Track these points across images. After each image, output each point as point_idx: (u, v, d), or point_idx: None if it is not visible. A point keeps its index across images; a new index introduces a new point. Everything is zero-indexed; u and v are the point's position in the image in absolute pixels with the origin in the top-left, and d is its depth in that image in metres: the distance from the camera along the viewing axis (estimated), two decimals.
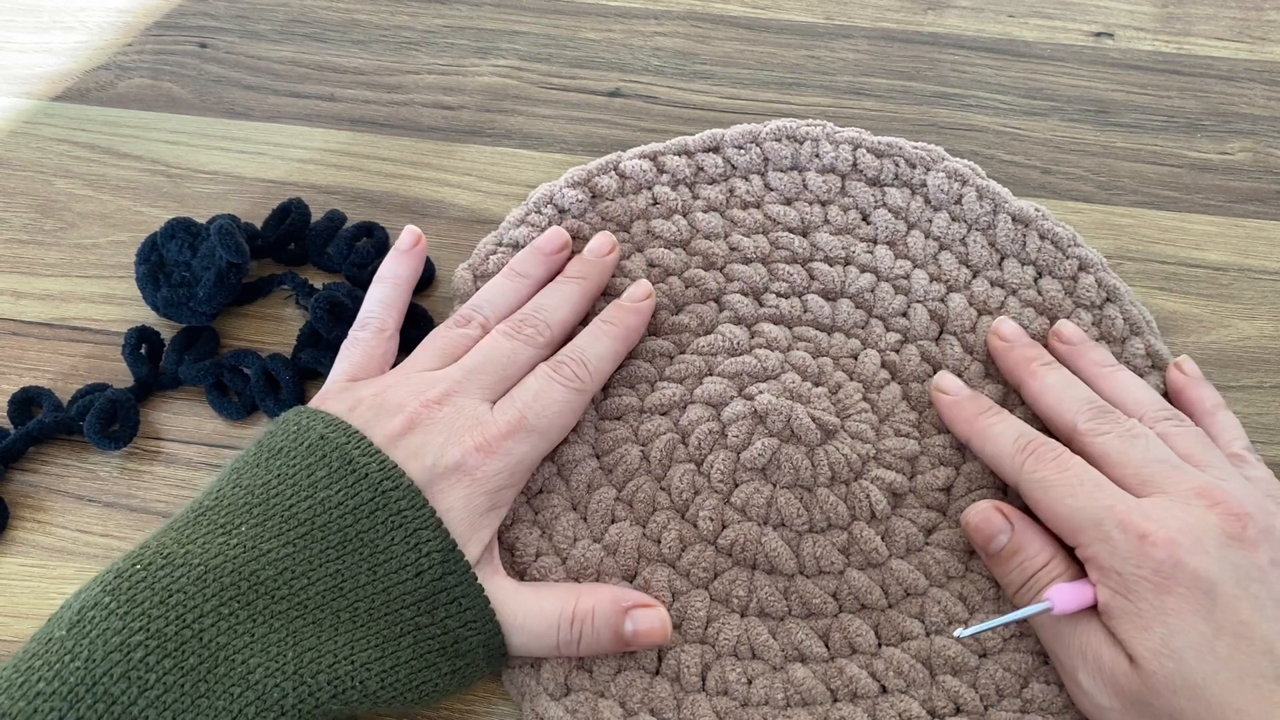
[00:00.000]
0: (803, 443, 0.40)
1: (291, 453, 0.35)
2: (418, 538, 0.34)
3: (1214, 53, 0.56)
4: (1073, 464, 0.36)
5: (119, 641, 0.29)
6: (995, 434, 0.39)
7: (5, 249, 0.48)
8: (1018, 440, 0.38)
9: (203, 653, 0.30)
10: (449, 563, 0.34)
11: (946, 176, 0.46)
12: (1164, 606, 0.32)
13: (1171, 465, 0.36)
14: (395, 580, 0.33)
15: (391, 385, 0.38)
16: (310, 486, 0.34)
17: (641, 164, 0.47)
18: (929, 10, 0.58)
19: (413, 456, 0.35)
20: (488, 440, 0.36)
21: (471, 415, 0.37)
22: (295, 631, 0.31)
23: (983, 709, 0.35)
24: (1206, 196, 0.50)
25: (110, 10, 0.58)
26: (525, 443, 0.37)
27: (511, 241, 0.45)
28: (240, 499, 0.34)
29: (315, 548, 0.33)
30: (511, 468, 0.36)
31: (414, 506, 0.34)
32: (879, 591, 0.38)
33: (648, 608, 0.36)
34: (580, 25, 0.57)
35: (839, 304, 0.44)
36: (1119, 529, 0.33)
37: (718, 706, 0.36)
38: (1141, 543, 0.33)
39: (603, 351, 0.40)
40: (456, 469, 0.35)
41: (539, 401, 0.37)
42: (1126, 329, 0.43)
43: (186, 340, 0.44)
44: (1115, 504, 0.34)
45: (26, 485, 0.41)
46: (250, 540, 0.32)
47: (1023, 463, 0.37)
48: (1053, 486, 0.36)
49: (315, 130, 0.52)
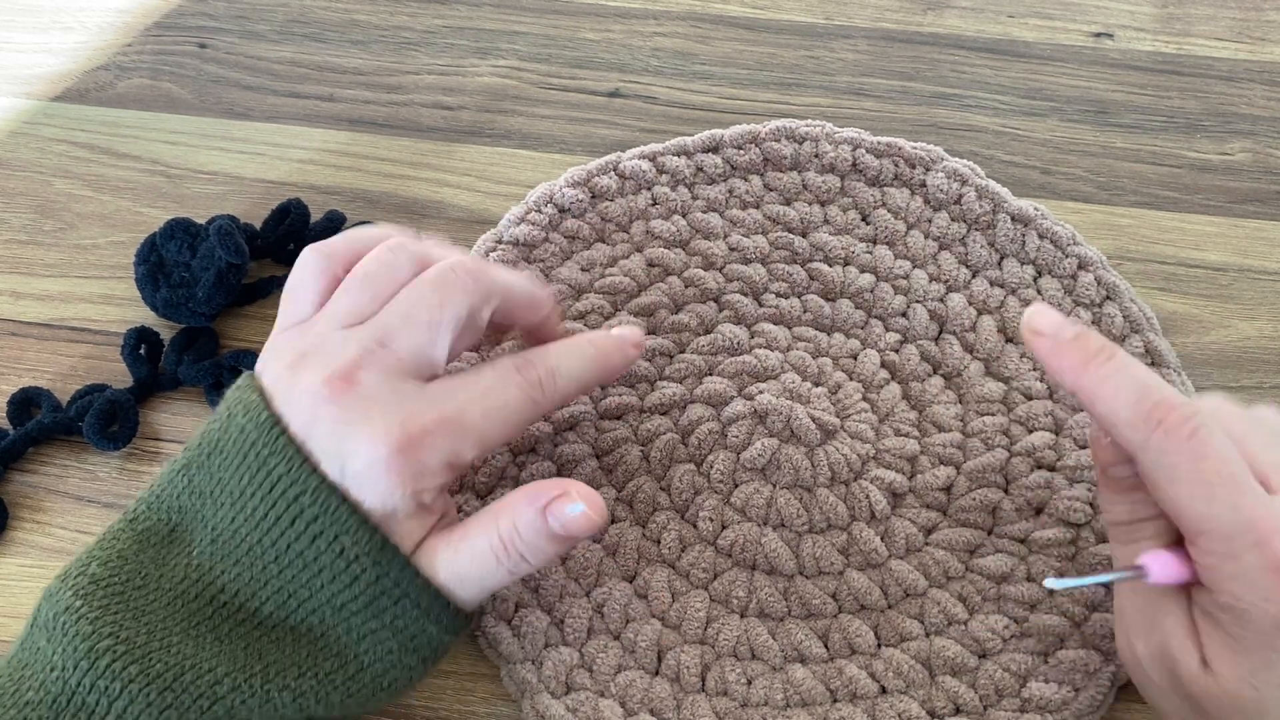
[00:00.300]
0: (802, 443, 0.40)
1: (225, 451, 0.32)
2: (340, 544, 0.31)
3: (1214, 53, 0.55)
4: (1212, 448, 0.29)
5: (87, 648, 0.29)
6: (1112, 389, 0.31)
7: (5, 249, 0.48)
8: (1142, 400, 0.30)
9: (169, 660, 0.29)
10: (381, 564, 0.31)
11: (946, 176, 0.46)
12: (1274, 643, 0.28)
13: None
14: (334, 590, 0.31)
15: (310, 348, 0.33)
16: (241, 499, 0.32)
17: (641, 164, 0.47)
18: (929, 10, 0.58)
19: (325, 451, 0.31)
20: (407, 436, 0.31)
21: (391, 397, 0.31)
22: (261, 650, 0.31)
23: (982, 709, 0.35)
24: (1206, 197, 0.50)
25: (110, 10, 0.58)
26: (457, 440, 0.32)
27: (511, 239, 0.45)
28: (197, 510, 0.32)
29: (257, 566, 0.31)
30: (434, 469, 0.31)
31: (328, 510, 0.31)
32: (878, 592, 0.38)
33: (562, 497, 0.32)
34: (580, 25, 0.57)
35: (839, 304, 0.44)
36: (1254, 550, 0.28)
37: (717, 707, 0.36)
38: (1278, 577, 0.28)
39: (575, 373, 0.35)
40: (368, 469, 0.31)
41: (488, 399, 0.32)
42: (1126, 327, 0.43)
43: (186, 341, 0.44)
44: (1257, 517, 0.28)
45: (26, 486, 0.41)
46: (208, 561, 0.32)
47: (1149, 434, 0.30)
48: (1185, 479, 0.29)
49: (315, 130, 0.52)
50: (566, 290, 0.44)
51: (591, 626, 0.37)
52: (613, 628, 0.37)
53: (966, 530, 0.39)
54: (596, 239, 0.46)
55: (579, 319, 0.43)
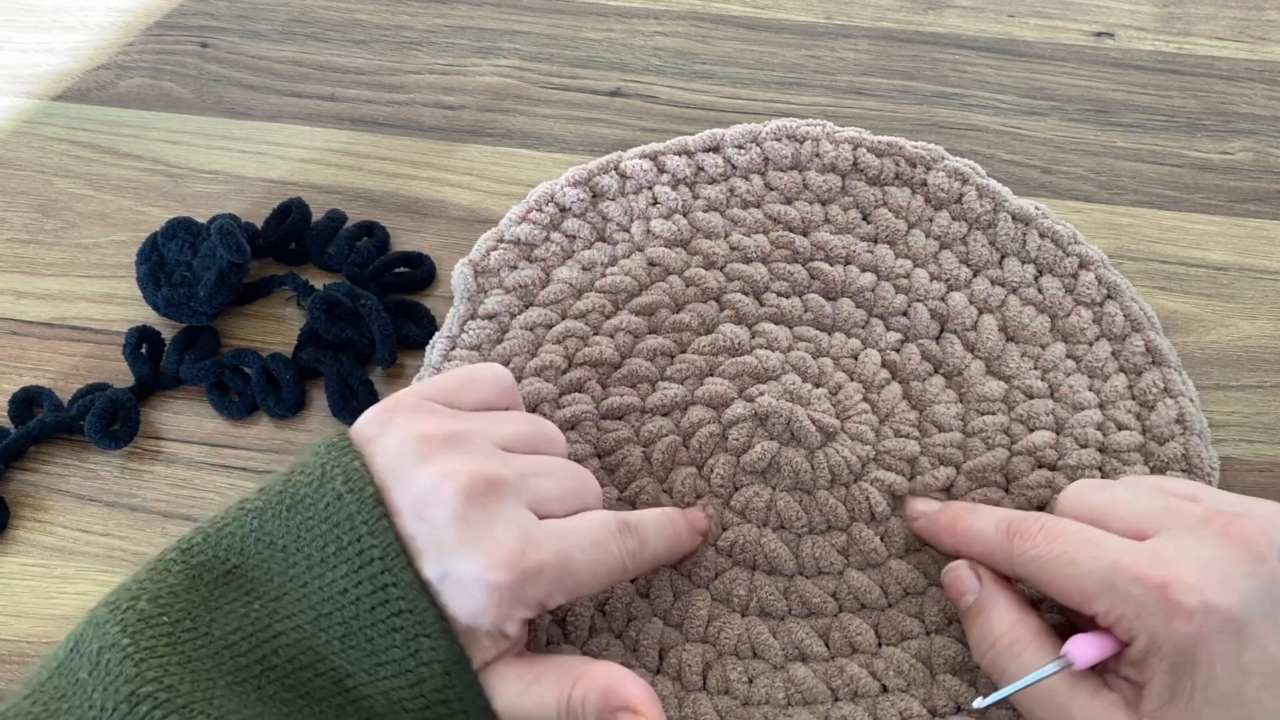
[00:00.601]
0: (803, 445, 0.40)
1: (310, 509, 0.31)
2: (418, 644, 0.30)
3: (1214, 53, 0.55)
4: (1061, 528, 0.33)
5: (129, 691, 0.28)
6: (977, 530, 0.35)
7: (5, 249, 0.48)
8: (999, 525, 0.34)
9: (210, 714, 0.28)
10: (451, 675, 0.30)
11: (947, 175, 0.46)
12: (1194, 660, 0.29)
13: (1164, 496, 0.33)
14: (395, 685, 0.30)
15: (457, 437, 0.33)
16: (321, 564, 0.31)
17: (642, 164, 0.47)
18: (929, 10, 0.58)
19: (432, 544, 0.31)
20: (527, 567, 0.31)
21: (516, 521, 0.31)
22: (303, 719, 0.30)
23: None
24: (1207, 196, 0.50)
25: (111, 10, 0.58)
26: (559, 584, 0.32)
27: (512, 238, 0.45)
28: (262, 559, 0.31)
29: (321, 638, 0.30)
30: (530, 602, 0.31)
31: (414, 610, 0.30)
32: (878, 591, 0.38)
33: (635, 715, 0.31)
34: (581, 25, 0.57)
35: (839, 303, 0.44)
36: (1135, 584, 0.30)
37: (719, 705, 0.36)
38: (1163, 592, 0.29)
39: (659, 552, 0.35)
40: (478, 581, 0.30)
41: (595, 552, 0.32)
42: (1127, 325, 0.43)
43: (187, 340, 0.44)
44: (1120, 557, 0.31)
45: (27, 485, 0.41)
46: (266, 616, 0.31)
47: (1010, 546, 0.34)
48: (1048, 561, 0.32)
49: (316, 130, 0.52)
50: (567, 290, 0.44)
51: (594, 625, 0.37)
52: (615, 626, 0.37)
53: None
54: (597, 238, 0.46)
55: (579, 319, 0.43)
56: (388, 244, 0.48)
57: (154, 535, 0.40)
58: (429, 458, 0.32)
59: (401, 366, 0.44)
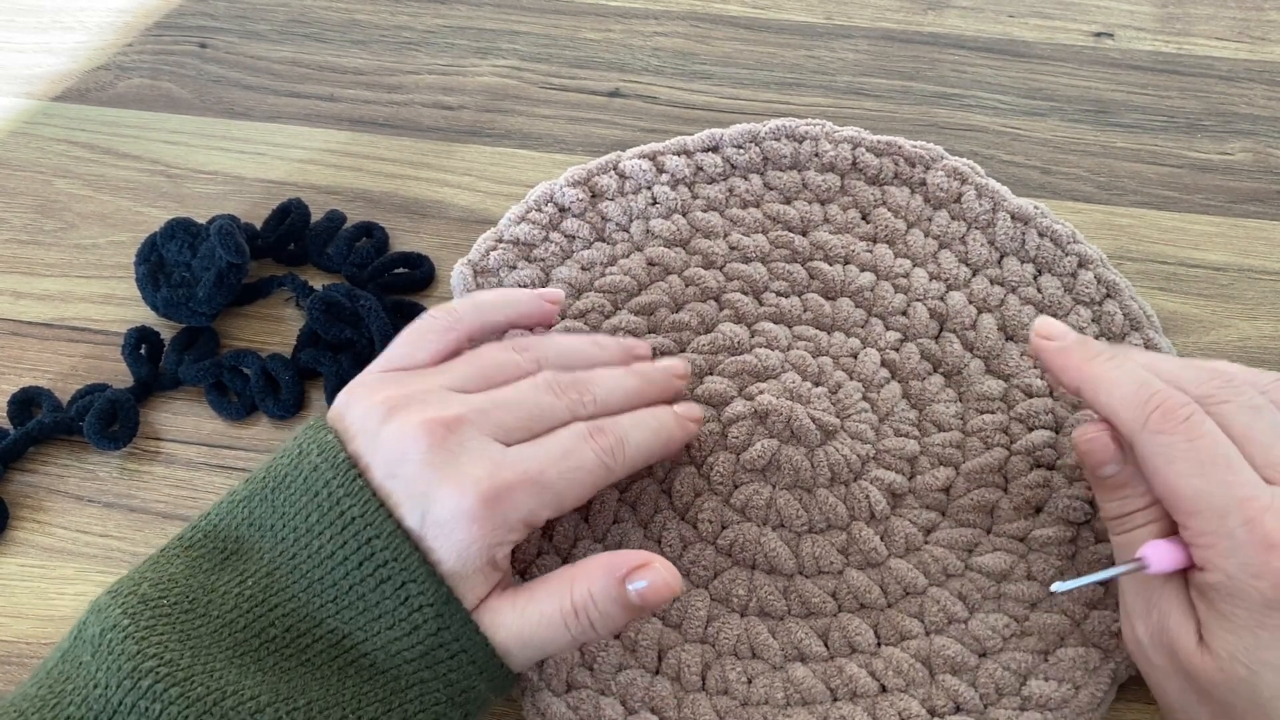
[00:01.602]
0: (802, 444, 0.40)
1: (291, 486, 0.33)
2: (406, 591, 0.31)
3: (1214, 53, 0.55)
4: (1206, 431, 0.31)
5: (131, 667, 0.29)
6: (1114, 380, 0.33)
7: (5, 249, 0.48)
8: (1141, 390, 0.33)
9: (210, 685, 0.29)
10: (444, 616, 0.31)
11: (946, 175, 0.46)
12: (1265, 621, 0.29)
13: None
14: (391, 636, 0.31)
15: (410, 398, 0.34)
16: (307, 533, 0.32)
17: (641, 164, 0.47)
18: (929, 10, 0.58)
19: (409, 496, 0.32)
20: (494, 488, 0.32)
21: (480, 452, 0.33)
22: (305, 686, 0.31)
23: (982, 708, 0.35)
24: (1207, 197, 0.50)
25: (110, 10, 0.58)
26: (536, 499, 0.33)
27: (512, 238, 0.45)
28: (253, 542, 0.33)
29: (314, 602, 0.32)
30: (512, 524, 0.32)
31: (399, 558, 0.31)
32: (878, 591, 0.38)
33: (645, 567, 0.32)
34: (580, 25, 0.57)
35: (839, 302, 0.44)
36: (1245, 528, 0.29)
37: (718, 705, 0.36)
38: (1268, 554, 0.29)
39: (641, 444, 0.36)
40: (451, 518, 0.31)
41: (567, 460, 0.33)
42: (1126, 325, 0.43)
43: (186, 340, 0.44)
44: (1248, 497, 0.30)
45: (26, 485, 0.41)
46: (260, 592, 0.32)
47: (1146, 418, 0.32)
48: (1179, 457, 0.31)
49: (315, 130, 0.52)
50: (566, 290, 0.44)
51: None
52: None
53: (966, 529, 0.39)
54: (596, 238, 0.46)
55: (579, 318, 0.43)
56: (387, 244, 0.48)
57: (153, 536, 0.40)
58: (389, 418, 0.33)
59: None
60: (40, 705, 0.29)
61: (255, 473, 0.34)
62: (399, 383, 0.35)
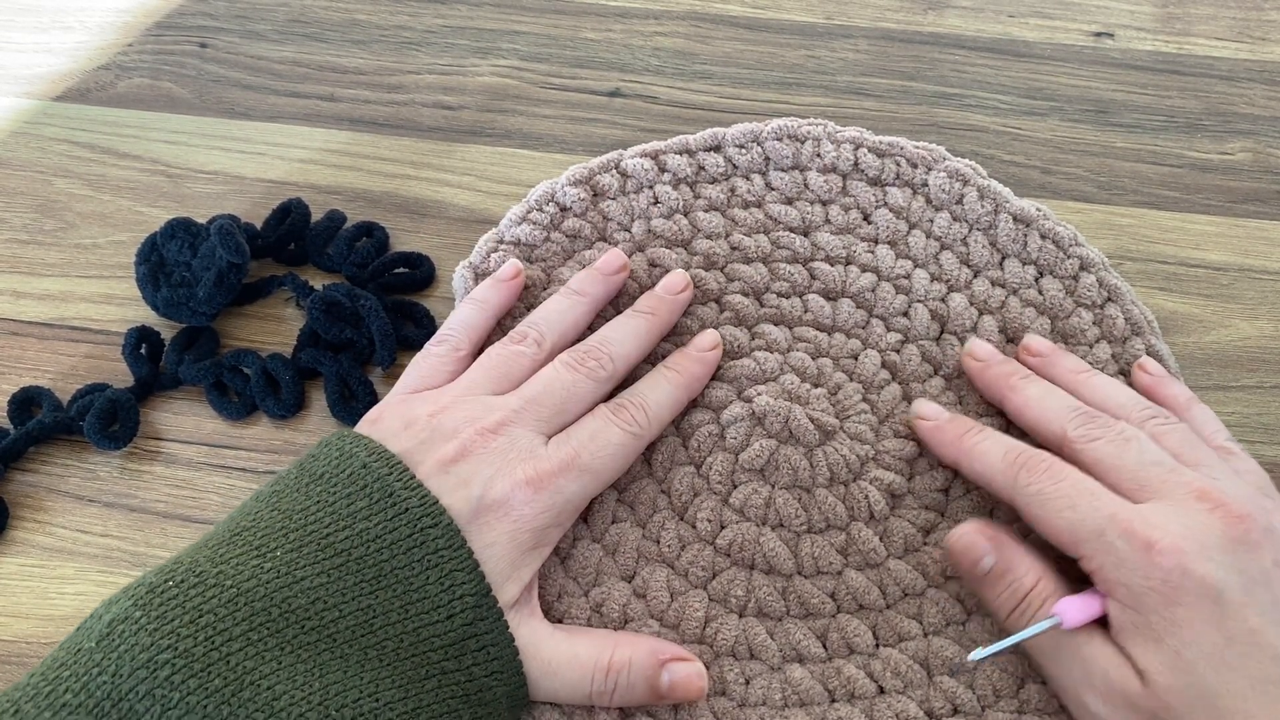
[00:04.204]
0: (801, 444, 0.40)
1: (333, 479, 0.34)
2: (452, 579, 0.33)
3: (1214, 53, 0.55)
4: (1067, 473, 0.35)
5: (146, 658, 0.29)
6: (983, 451, 0.37)
7: (5, 249, 0.48)
8: (1006, 454, 0.37)
9: (228, 675, 0.29)
10: (482, 608, 0.33)
11: (948, 176, 0.46)
12: (1174, 618, 0.31)
13: (1167, 468, 0.35)
14: (426, 621, 0.32)
15: (448, 407, 0.37)
16: (350, 516, 0.33)
17: (643, 163, 0.47)
18: (929, 10, 0.58)
19: (460, 485, 0.34)
20: (539, 475, 0.35)
21: (525, 448, 0.36)
22: (322, 664, 0.31)
23: (979, 710, 0.35)
24: (1207, 196, 0.50)
25: (110, 10, 0.58)
26: (576, 482, 0.36)
27: (513, 239, 0.45)
28: (278, 522, 0.33)
29: (349, 580, 0.32)
30: (559, 506, 0.35)
31: (451, 546, 0.33)
32: (877, 592, 0.38)
33: (685, 661, 0.35)
34: (580, 25, 0.57)
35: (840, 304, 0.44)
36: (1123, 538, 0.32)
37: (715, 707, 0.36)
38: (1148, 552, 0.32)
39: (663, 399, 0.39)
40: (503, 503, 0.34)
41: (595, 442, 0.36)
42: (1128, 329, 0.43)
43: (186, 340, 0.44)
44: (1117, 512, 0.33)
45: (26, 485, 0.41)
46: (285, 565, 0.32)
47: (1015, 476, 0.36)
48: (1049, 499, 0.35)
49: (315, 130, 0.52)
50: None
51: (590, 624, 0.37)
52: (612, 626, 0.37)
53: None
54: (598, 238, 0.46)
55: None
56: (387, 244, 0.48)
57: (153, 536, 0.40)
58: (437, 421, 0.36)
59: (401, 367, 0.44)
60: (34, 694, 0.29)
61: (282, 474, 0.35)
62: (430, 399, 0.37)
